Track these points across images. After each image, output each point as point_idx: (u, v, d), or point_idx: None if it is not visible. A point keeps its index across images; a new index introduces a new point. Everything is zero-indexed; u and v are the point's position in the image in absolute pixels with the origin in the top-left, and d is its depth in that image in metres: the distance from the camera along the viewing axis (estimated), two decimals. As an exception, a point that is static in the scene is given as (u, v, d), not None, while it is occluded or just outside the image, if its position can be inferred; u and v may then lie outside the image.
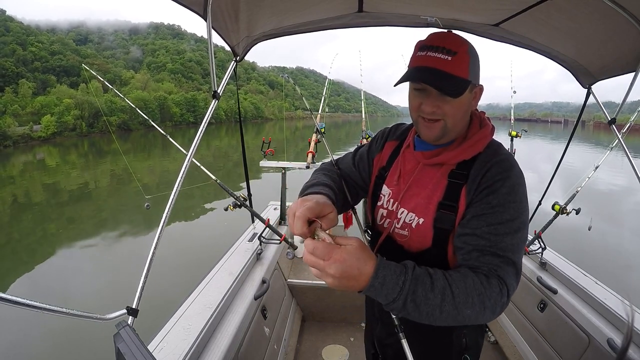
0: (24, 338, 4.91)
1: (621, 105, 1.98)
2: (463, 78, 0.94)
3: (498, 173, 0.96)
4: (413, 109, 1.02)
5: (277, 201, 3.73)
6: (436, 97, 0.95)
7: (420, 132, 1.06)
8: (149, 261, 1.35)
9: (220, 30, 1.70)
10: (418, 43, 1.00)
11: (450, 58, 0.93)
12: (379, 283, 0.79)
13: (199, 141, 1.63)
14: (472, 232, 0.94)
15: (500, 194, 0.94)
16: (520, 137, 3.69)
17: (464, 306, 0.83)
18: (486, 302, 0.85)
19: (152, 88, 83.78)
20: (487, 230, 0.92)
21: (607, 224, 9.67)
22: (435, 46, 0.95)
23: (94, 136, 52.01)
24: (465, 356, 1.18)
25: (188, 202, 11.45)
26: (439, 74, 0.92)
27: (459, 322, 0.85)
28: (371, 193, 1.26)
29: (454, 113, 0.97)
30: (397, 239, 1.12)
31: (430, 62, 0.94)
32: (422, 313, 0.82)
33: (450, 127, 1.00)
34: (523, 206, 0.96)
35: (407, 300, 0.81)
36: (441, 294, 0.82)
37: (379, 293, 0.81)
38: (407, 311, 0.82)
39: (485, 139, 1.04)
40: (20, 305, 0.86)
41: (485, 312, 0.86)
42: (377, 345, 1.34)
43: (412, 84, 1.00)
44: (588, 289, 2.20)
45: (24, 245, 9.68)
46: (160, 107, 72.95)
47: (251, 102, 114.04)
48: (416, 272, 0.83)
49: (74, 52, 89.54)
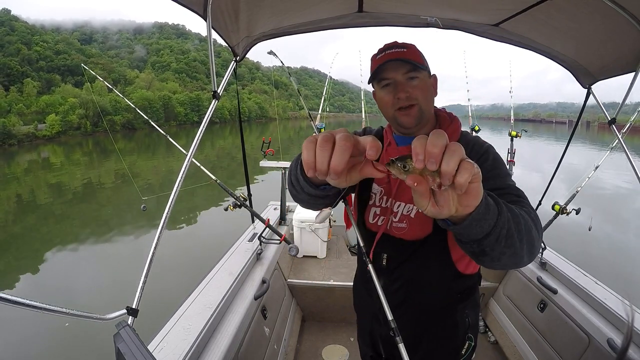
0: (24, 338, 4.92)
1: (621, 105, 1.97)
2: (420, 63, 1.09)
3: (479, 148, 1.09)
4: (388, 105, 1.11)
5: (277, 201, 3.75)
6: (405, 83, 1.07)
7: (400, 122, 1.13)
8: (149, 261, 1.35)
9: (220, 30, 1.70)
10: (373, 55, 1.15)
11: (405, 50, 1.09)
12: (485, 204, 0.63)
13: (198, 141, 1.64)
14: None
15: (490, 160, 1.05)
16: (520, 137, 3.68)
17: (529, 217, 0.78)
18: (536, 222, 0.82)
19: (156, 87, 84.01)
20: (495, 183, 0.95)
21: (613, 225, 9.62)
22: (389, 47, 1.11)
23: (99, 135, 52.13)
24: (470, 335, 1.24)
25: (189, 203, 11.46)
26: (401, 58, 1.07)
27: (532, 241, 0.76)
28: (359, 194, 1.28)
29: (424, 95, 1.09)
30: (395, 233, 1.16)
31: (390, 56, 1.08)
32: (517, 229, 0.72)
33: (424, 109, 1.10)
34: (507, 170, 1.06)
35: (507, 223, 0.69)
36: (518, 213, 0.74)
37: (483, 218, 0.63)
38: (510, 228, 0.70)
39: (458, 130, 1.18)
40: (20, 305, 0.87)
41: (539, 232, 0.81)
42: (383, 344, 1.34)
43: (380, 83, 1.12)
44: (588, 289, 2.20)
45: (28, 243, 9.72)
46: (164, 107, 73.18)
47: (255, 102, 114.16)
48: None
49: (78, 52, 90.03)
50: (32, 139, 45.66)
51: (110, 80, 77.43)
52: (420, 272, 1.17)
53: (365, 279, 1.32)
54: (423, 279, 1.17)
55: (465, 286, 1.22)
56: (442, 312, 1.21)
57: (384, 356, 1.37)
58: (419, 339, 1.22)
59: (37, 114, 52.43)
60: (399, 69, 1.07)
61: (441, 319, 1.21)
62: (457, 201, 0.55)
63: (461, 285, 1.20)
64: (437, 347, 1.23)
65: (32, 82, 63.82)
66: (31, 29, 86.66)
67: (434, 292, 1.19)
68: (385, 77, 1.09)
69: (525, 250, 0.75)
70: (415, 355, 1.11)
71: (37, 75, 70.13)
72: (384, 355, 1.36)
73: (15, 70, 65.86)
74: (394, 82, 1.08)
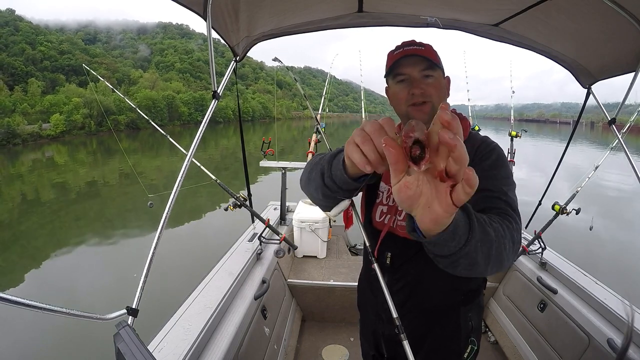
0: (24, 338, 4.93)
1: (621, 105, 1.96)
2: (436, 61, 1.10)
3: (486, 147, 1.10)
4: (401, 100, 1.12)
5: (277, 201, 3.75)
6: (420, 80, 1.09)
7: (412, 118, 1.09)
8: (149, 261, 1.35)
9: (220, 30, 1.70)
10: (390, 51, 1.16)
11: (423, 48, 1.11)
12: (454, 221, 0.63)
13: (198, 141, 1.64)
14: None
15: (492, 159, 1.06)
16: (520, 137, 3.67)
17: (503, 239, 0.77)
18: (514, 235, 0.82)
19: (160, 87, 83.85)
20: (487, 183, 0.95)
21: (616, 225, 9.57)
22: (407, 44, 1.12)
23: (103, 135, 52.21)
24: (472, 339, 1.25)
25: (191, 202, 11.48)
26: (419, 54, 1.09)
27: (500, 261, 0.76)
28: (366, 192, 1.28)
29: (438, 94, 1.10)
30: (400, 232, 1.17)
31: (408, 52, 1.10)
32: (484, 253, 0.71)
33: (437, 108, 1.04)
34: (510, 171, 1.07)
35: (473, 252, 0.68)
36: (493, 229, 0.74)
37: (454, 233, 0.64)
38: (474, 255, 0.69)
39: (467, 128, 1.17)
40: (20, 305, 0.87)
41: (514, 246, 0.81)
42: (386, 343, 1.34)
43: (396, 78, 1.12)
44: (588, 289, 2.20)
45: (32, 241, 9.76)
46: (168, 107, 73.22)
47: (259, 101, 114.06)
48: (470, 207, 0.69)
49: (82, 52, 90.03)
50: (36, 138, 45.73)
51: (114, 80, 77.75)
52: (423, 271, 1.17)
53: (369, 277, 1.33)
54: (426, 278, 1.18)
55: (469, 288, 1.22)
56: (445, 312, 1.22)
57: (386, 355, 1.37)
58: (421, 339, 1.23)
59: (42, 114, 52.46)
60: (416, 65, 1.09)
61: (444, 320, 1.22)
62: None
63: (465, 287, 1.21)
64: (439, 348, 1.24)
65: (37, 81, 63.82)
66: (35, 29, 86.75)
67: (437, 292, 1.20)
68: (402, 72, 1.10)
69: (489, 268, 0.76)
70: (417, 355, 1.11)
71: (41, 75, 70.18)
72: (386, 355, 1.37)
73: (19, 70, 65.97)
74: (410, 78, 1.10)
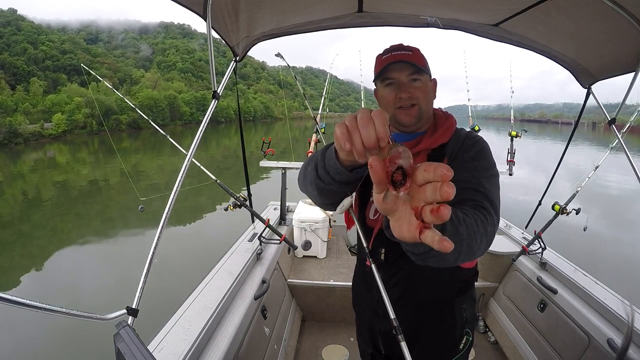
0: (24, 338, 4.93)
1: (621, 105, 1.96)
2: (423, 66, 1.14)
3: (470, 140, 1.13)
4: (389, 103, 1.16)
5: (277, 201, 3.75)
6: (408, 84, 1.13)
7: (399, 120, 1.17)
8: (149, 261, 1.35)
9: (220, 30, 1.70)
10: (379, 55, 1.20)
11: (410, 53, 1.14)
12: None
13: (198, 141, 1.64)
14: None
15: (473, 151, 1.09)
16: (520, 137, 3.66)
17: (475, 235, 0.80)
18: (487, 228, 0.85)
19: (162, 87, 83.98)
20: (466, 175, 0.99)
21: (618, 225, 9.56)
22: (396, 48, 1.16)
23: (104, 134, 52.27)
24: (467, 330, 1.28)
25: (190, 202, 11.50)
26: (406, 60, 1.12)
27: (471, 254, 0.81)
28: (360, 190, 1.29)
29: (424, 97, 1.15)
30: None
31: (396, 57, 1.13)
32: (454, 251, 0.71)
33: (423, 110, 1.16)
34: (493, 163, 1.09)
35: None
36: (466, 226, 0.77)
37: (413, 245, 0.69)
38: (443, 254, 0.67)
39: (453, 126, 1.20)
40: (20, 305, 0.87)
41: (487, 238, 0.85)
42: (382, 340, 1.35)
43: (384, 82, 1.16)
44: (588, 289, 2.20)
45: (33, 240, 9.78)
46: (170, 106, 73.30)
47: (261, 101, 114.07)
48: None
49: (84, 51, 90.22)
50: (38, 137, 45.86)
51: (116, 80, 77.76)
52: (417, 266, 1.17)
53: (364, 275, 1.34)
54: (420, 272, 1.19)
55: (462, 280, 1.26)
56: (440, 305, 1.24)
57: (383, 352, 1.38)
58: (417, 333, 1.25)
59: (43, 113, 52.64)
60: (404, 70, 1.13)
61: (439, 313, 1.24)
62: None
63: (458, 279, 1.24)
64: (435, 341, 1.26)
65: (39, 81, 64.04)
66: (37, 28, 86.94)
67: (431, 285, 1.22)
68: (390, 77, 1.15)
69: (459, 261, 0.82)
70: (413, 349, 1.13)
71: (43, 74, 70.31)
72: (383, 352, 1.38)
73: (21, 70, 66.14)
74: (397, 82, 1.14)
